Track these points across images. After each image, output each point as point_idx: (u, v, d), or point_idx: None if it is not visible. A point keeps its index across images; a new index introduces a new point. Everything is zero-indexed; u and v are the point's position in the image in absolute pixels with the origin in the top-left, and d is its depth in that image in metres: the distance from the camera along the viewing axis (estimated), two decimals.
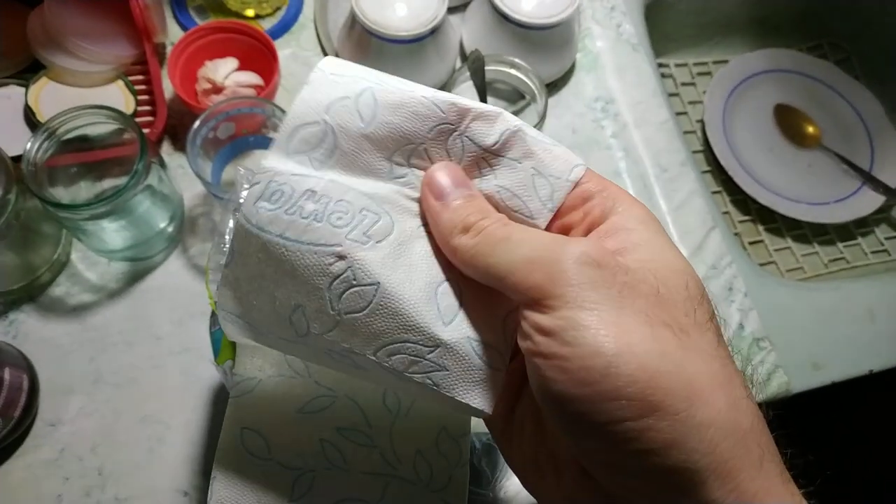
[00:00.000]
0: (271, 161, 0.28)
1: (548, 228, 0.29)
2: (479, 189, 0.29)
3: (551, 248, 0.24)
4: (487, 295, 0.27)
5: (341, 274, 0.26)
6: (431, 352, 0.26)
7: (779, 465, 0.22)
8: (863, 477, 0.89)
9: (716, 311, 0.25)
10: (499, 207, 0.29)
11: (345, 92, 0.29)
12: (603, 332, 0.22)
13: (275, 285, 0.28)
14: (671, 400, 0.21)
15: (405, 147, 0.29)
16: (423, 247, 0.28)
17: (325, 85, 0.30)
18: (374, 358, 0.27)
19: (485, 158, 0.29)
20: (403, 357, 0.27)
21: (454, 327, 0.27)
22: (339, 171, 0.29)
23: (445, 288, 0.28)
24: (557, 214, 0.29)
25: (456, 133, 0.29)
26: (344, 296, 0.27)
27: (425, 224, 0.29)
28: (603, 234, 0.27)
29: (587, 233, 0.27)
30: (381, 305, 0.26)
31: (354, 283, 0.26)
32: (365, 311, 0.27)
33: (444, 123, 0.29)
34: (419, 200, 0.29)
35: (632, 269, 0.24)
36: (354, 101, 0.29)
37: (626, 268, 0.23)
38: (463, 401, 0.27)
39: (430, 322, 0.26)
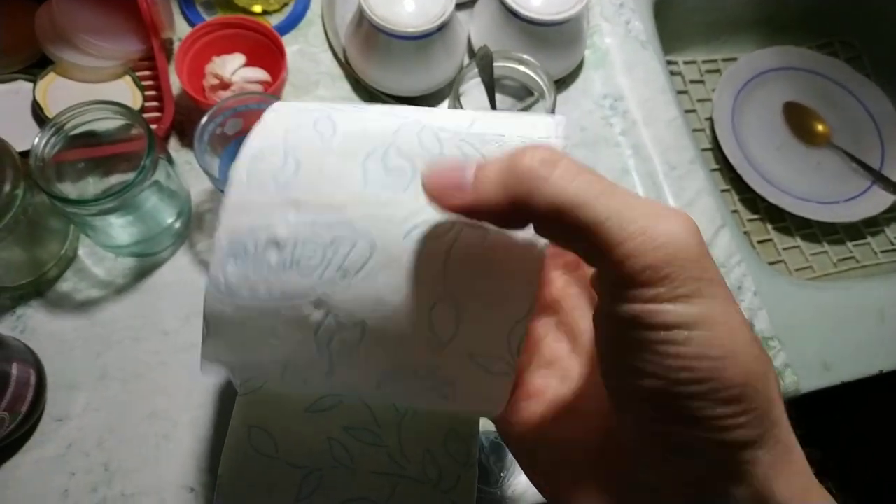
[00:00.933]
0: (228, 215, 0.26)
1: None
2: None
3: (668, 220, 0.21)
4: (488, 308, 0.25)
5: (322, 322, 0.25)
6: (433, 374, 0.26)
7: (807, 463, 0.23)
8: (867, 477, 0.88)
9: None
10: None
11: (300, 120, 0.28)
12: (713, 335, 0.21)
13: (258, 347, 0.27)
14: (759, 400, 0.21)
15: (376, 149, 0.27)
16: (410, 262, 0.25)
17: (279, 119, 0.28)
18: (377, 392, 0.26)
19: (465, 140, 0.27)
20: (407, 384, 0.26)
21: (454, 348, 0.26)
22: (306, 188, 0.26)
23: (440, 309, 0.25)
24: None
25: (423, 127, 0.27)
26: (331, 344, 0.25)
27: (413, 228, 0.26)
28: None
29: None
30: (372, 344, 0.25)
31: (338, 328, 0.25)
32: (356, 354, 0.25)
33: (408, 122, 0.28)
34: (404, 202, 0.26)
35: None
36: (312, 125, 0.28)
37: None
38: (472, 410, 0.26)
39: (428, 348, 0.25)
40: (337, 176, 0.26)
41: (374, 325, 0.25)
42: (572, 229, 0.21)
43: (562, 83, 0.65)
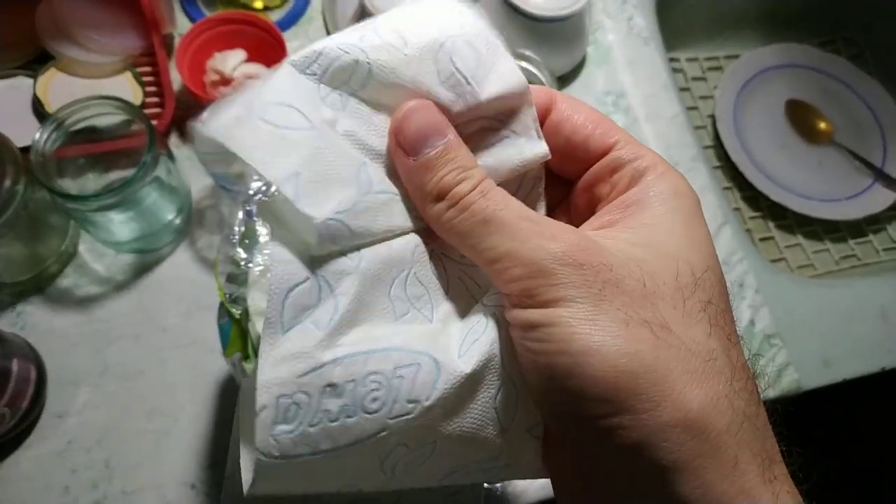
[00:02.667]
0: (267, 371, 0.24)
1: (576, 202, 0.29)
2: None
3: (532, 245, 0.23)
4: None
5: (391, 451, 0.24)
6: (497, 459, 0.26)
7: (762, 463, 0.22)
8: (868, 474, 0.88)
9: (720, 297, 0.24)
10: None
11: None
12: (574, 331, 0.22)
13: (316, 481, 0.25)
14: (635, 401, 0.21)
15: (398, 276, 0.26)
16: (471, 374, 0.24)
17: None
18: (437, 483, 0.26)
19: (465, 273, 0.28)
20: (468, 475, 0.26)
21: (515, 428, 0.26)
22: (348, 322, 0.25)
23: (502, 397, 0.25)
24: (585, 186, 0.28)
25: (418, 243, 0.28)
26: (397, 467, 0.25)
27: (461, 343, 0.25)
28: (616, 208, 0.26)
29: (616, 206, 0.27)
30: (439, 456, 0.25)
31: (407, 453, 0.24)
32: (422, 468, 0.25)
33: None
34: (436, 327, 0.26)
35: (617, 262, 0.23)
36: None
37: (609, 263, 0.23)
38: (527, 476, 0.27)
39: (493, 440, 0.25)
40: (371, 307, 0.25)
41: (444, 440, 0.25)
42: (467, 252, 0.25)
43: (564, 80, 0.65)
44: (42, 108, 0.54)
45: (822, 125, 0.81)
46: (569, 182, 0.30)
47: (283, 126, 0.26)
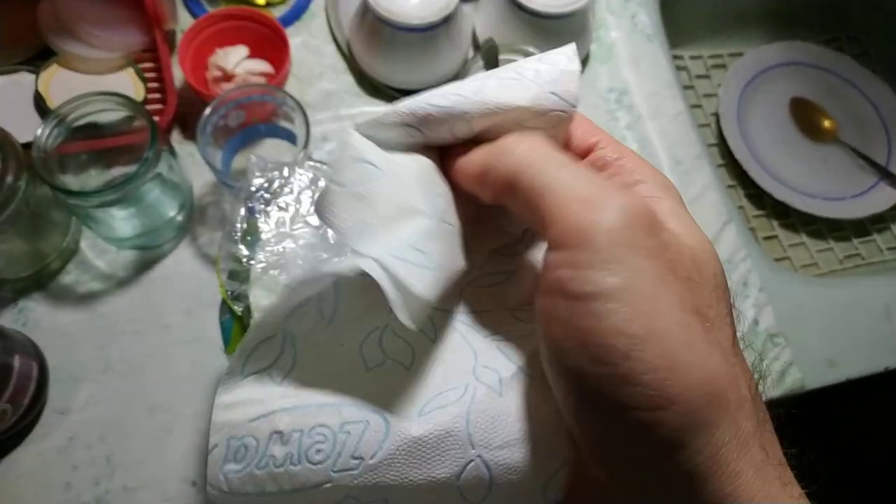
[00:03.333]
0: (221, 413, 0.25)
1: None
2: None
3: (607, 191, 0.21)
4: (517, 472, 0.24)
5: (342, 502, 0.24)
6: None
7: (778, 467, 0.21)
8: (872, 474, 0.88)
9: (734, 305, 0.24)
10: None
11: (300, 298, 0.27)
12: (635, 308, 0.19)
13: None
14: (689, 394, 0.19)
15: (373, 331, 0.27)
16: (429, 438, 0.24)
17: (282, 299, 0.27)
18: None
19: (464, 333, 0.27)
20: None
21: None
22: (306, 377, 0.26)
23: (469, 477, 0.24)
24: None
25: None
26: None
27: (425, 404, 0.25)
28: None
29: None
30: None
31: None
32: None
33: None
34: (408, 383, 0.25)
35: (676, 246, 0.22)
36: (316, 302, 0.27)
37: (674, 243, 0.22)
38: None
39: None
40: (336, 362, 0.26)
41: (398, 501, 0.24)
42: (520, 197, 0.22)
43: None
44: (44, 104, 0.54)
45: (827, 123, 0.80)
46: None
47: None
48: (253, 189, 0.38)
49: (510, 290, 0.29)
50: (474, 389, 0.25)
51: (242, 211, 0.37)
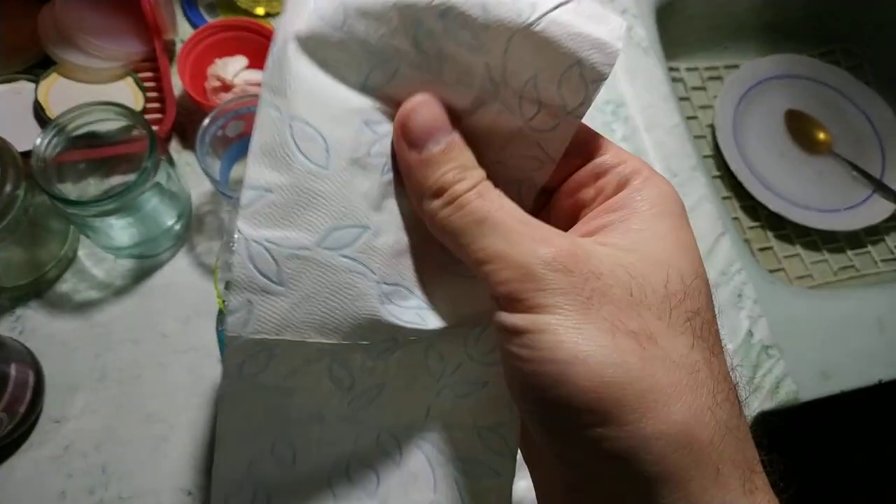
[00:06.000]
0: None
1: (559, 208, 0.28)
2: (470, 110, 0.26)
3: (523, 249, 0.23)
4: None
5: None
6: None
7: (742, 474, 0.22)
8: (866, 486, 0.88)
9: (707, 307, 0.24)
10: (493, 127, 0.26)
11: (261, 446, 0.27)
12: (560, 339, 0.22)
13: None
14: (620, 411, 0.21)
15: (339, 463, 0.27)
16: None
17: (238, 440, 0.27)
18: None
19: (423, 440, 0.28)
20: None
21: None
22: None
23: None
24: (568, 192, 0.28)
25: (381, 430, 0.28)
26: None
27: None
28: (604, 212, 0.26)
29: (602, 211, 0.26)
30: None
31: None
32: None
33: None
34: None
35: (606, 270, 0.23)
36: (271, 450, 0.27)
37: (598, 271, 0.23)
38: None
39: None
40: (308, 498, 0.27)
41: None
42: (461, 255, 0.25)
43: None
44: (43, 113, 0.54)
45: (821, 136, 0.81)
46: (549, 190, 0.29)
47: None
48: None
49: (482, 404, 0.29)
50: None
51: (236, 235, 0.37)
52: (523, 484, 0.50)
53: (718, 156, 0.78)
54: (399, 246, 0.26)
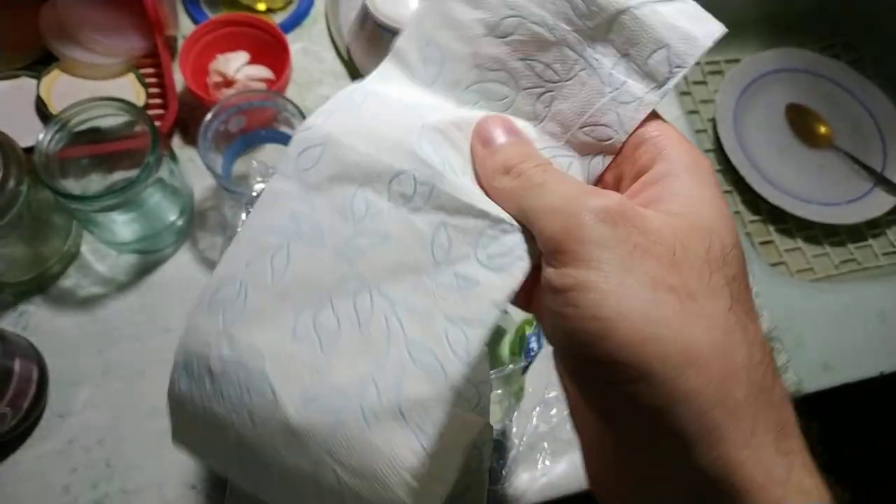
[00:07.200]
0: (187, 333, 0.29)
1: (603, 177, 0.29)
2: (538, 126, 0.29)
3: (574, 199, 0.24)
4: None
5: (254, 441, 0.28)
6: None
7: (777, 436, 0.22)
8: (868, 478, 0.88)
9: (743, 275, 0.25)
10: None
11: (265, 243, 0.29)
12: (603, 295, 0.22)
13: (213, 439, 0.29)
14: (661, 367, 0.21)
15: (310, 302, 0.28)
16: (304, 423, 0.26)
17: (250, 237, 0.30)
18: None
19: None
20: None
21: None
22: (244, 327, 0.28)
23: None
24: (612, 165, 0.28)
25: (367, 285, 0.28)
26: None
27: (314, 400, 0.26)
28: (647, 182, 0.26)
29: (634, 182, 0.27)
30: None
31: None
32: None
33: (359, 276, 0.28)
34: (319, 364, 0.27)
35: (651, 228, 0.23)
36: (270, 258, 0.29)
37: (643, 227, 0.23)
38: None
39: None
40: (270, 321, 0.27)
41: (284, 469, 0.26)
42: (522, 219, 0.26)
43: None
44: (46, 109, 0.54)
45: (822, 129, 0.81)
46: None
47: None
48: (255, 194, 0.38)
49: None
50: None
51: (244, 215, 0.38)
52: (526, 476, 0.50)
53: (720, 149, 0.78)
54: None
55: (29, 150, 0.45)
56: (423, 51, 0.30)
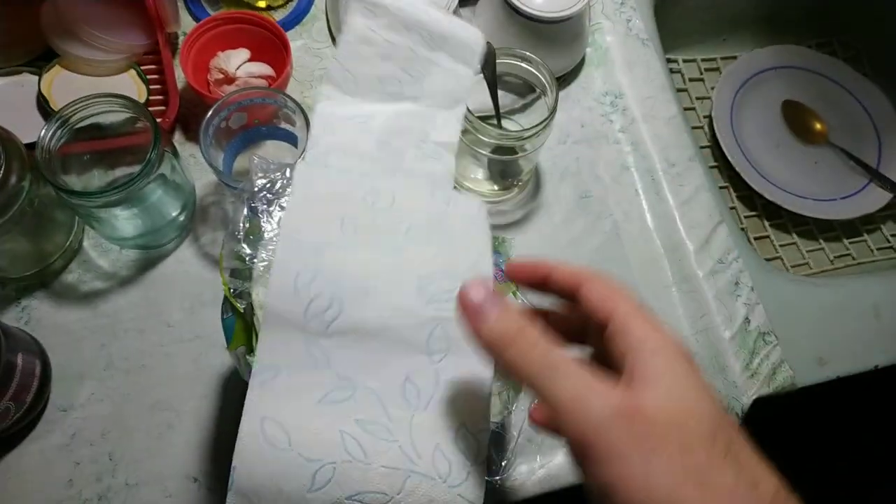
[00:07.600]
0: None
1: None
2: None
3: (594, 402, 0.27)
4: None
5: None
6: None
7: None
8: (862, 472, 0.89)
9: (737, 432, 0.27)
10: None
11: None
12: (632, 492, 0.25)
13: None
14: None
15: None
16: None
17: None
18: None
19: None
20: None
21: None
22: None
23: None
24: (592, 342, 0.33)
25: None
26: None
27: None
28: (630, 369, 0.28)
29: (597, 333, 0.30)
30: None
31: None
32: None
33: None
34: None
35: (661, 420, 0.26)
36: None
37: (654, 419, 0.26)
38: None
39: None
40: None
41: None
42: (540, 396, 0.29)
43: (563, 80, 0.66)
44: (47, 106, 0.54)
45: (818, 126, 0.82)
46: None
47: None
48: (256, 189, 0.39)
49: None
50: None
51: (245, 210, 0.38)
52: (525, 468, 0.51)
53: (716, 146, 0.78)
54: None
55: (31, 147, 0.46)
56: None
